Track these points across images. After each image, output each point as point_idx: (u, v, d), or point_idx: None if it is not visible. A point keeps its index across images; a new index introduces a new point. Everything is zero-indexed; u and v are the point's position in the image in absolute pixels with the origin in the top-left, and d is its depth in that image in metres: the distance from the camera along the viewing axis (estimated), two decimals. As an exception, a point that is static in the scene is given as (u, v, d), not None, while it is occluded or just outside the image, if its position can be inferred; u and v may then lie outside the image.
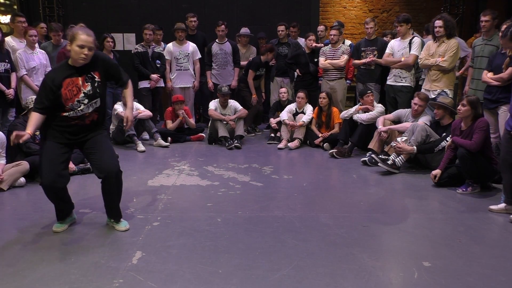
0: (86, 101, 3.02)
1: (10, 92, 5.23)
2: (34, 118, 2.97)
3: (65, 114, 3.03)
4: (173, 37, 7.07)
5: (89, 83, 3.04)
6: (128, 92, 3.34)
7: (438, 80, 5.24)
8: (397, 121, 5.44)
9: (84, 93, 3.02)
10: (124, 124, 3.29)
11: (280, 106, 6.72)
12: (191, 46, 7.03)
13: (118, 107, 6.13)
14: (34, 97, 4.83)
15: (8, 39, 5.77)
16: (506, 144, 3.60)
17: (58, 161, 3.06)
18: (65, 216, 3.33)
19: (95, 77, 3.08)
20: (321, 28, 7.64)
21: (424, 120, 5.07)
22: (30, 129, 2.94)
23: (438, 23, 5.16)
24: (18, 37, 5.84)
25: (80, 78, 3.02)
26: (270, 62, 7.00)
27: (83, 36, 2.92)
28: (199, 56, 7.12)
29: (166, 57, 6.96)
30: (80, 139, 3.16)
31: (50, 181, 3.01)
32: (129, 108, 3.32)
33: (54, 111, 3.02)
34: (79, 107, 3.02)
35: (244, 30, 7.41)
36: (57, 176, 3.04)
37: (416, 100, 5.16)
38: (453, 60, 5.15)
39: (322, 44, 6.99)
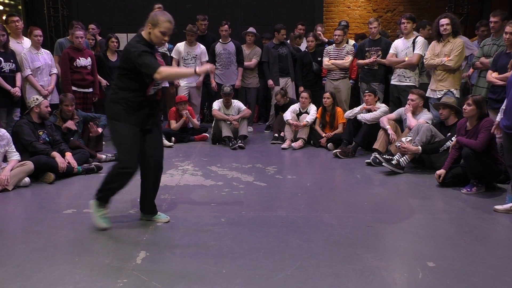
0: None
1: (16, 90, 5.24)
2: (172, 67, 3.06)
3: (150, 91, 3.12)
4: (177, 37, 7.07)
5: (164, 61, 3.17)
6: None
7: (444, 80, 5.22)
8: (399, 119, 5.45)
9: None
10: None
11: (282, 107, 6.74)
12: (199, 48, 7.00)
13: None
14: (36, 96, 4.85)
15: None
16: (507, 145, 3.60)
17: (137, 145, 3.15)
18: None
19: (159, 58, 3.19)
20: (321, 29, 7.64)
21: (425, 119, 5.06)
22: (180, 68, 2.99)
23: (445, 21, 5.13)
24: (14, 37, 5.72)
25: (157, 55, 3.16)
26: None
27: (166, 24, 3.08)
28: (207, 58, 7.09)
29: (174, 56, 6.94)
30: (149, 121, 3.22)
31: (134, 164, 3.12)
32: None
33: (140, 89, 3.09)
34: (159, 82, 3.14)
35: (252, 29, 7.45)
36: (137, 159, 3.16)
37: (409, 96, 5.23)
38: (458, 59, 5.13)
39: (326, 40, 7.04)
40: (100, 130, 5.54)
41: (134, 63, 2.98)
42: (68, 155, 4.70)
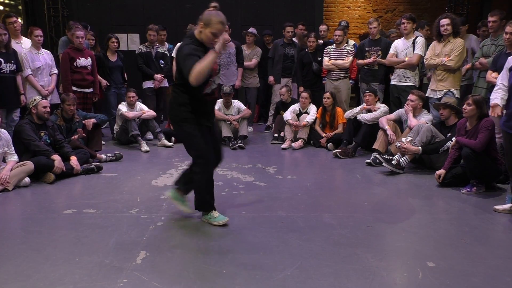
0: (218, 74, 3.12)
1: (22, 99, 5.30)
2: (199, 62, 2.90)
3: (207, 90, 3.16)
4: (177, 37, 7.07)
5: (218, 60, 3.15)
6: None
7: (444, 80, 5.22)
8: (399, 120, 5.45)
9: (219, 65, 3.11)
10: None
11: (283, 105, 6.73)
12: None
13: (122, 107, 6.15)
14: (36, 97, 4.85)
15: None
16: (508, 146, 3.59)
17: (207, 139, 3.25)
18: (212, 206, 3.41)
19: None
20: (323, 28, 7.63)
21: (425, 119, 5.06)
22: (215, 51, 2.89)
23: (445, 21, 5.13)
24: (13, 38, 5.62)
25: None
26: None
27: (219, 25, 3.00)
28: None
29: (174, 56, 6.93)
30: (210, 119, 3.35)
31: (211, 157, 3.24)
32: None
33: (198, 89, 3.09)
34: (215, 81, 3.19)
35: (252, 29, 7.46)
36: (212, 154, 3.27)
37: (409, 96, 5.25)
38: (459, 59, 5.13)
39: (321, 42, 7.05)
40: (92, 121, 5.57)
41: (180, 65, 3.00)
42: (73, 159, 4.70)
